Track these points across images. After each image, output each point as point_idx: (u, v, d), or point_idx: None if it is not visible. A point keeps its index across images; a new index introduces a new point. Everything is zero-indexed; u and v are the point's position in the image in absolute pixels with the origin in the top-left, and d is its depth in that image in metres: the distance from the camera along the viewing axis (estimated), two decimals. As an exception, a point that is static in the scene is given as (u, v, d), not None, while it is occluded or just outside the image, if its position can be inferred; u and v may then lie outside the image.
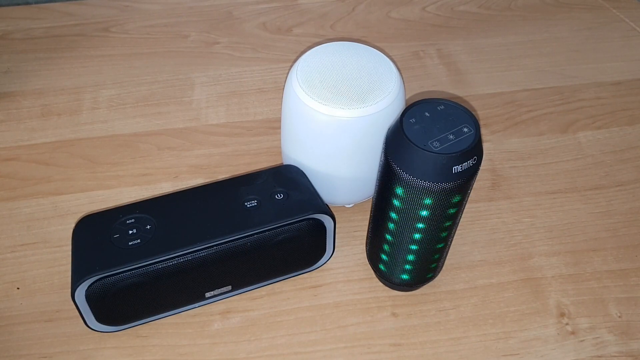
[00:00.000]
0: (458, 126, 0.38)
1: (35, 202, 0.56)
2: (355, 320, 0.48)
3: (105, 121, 0.65)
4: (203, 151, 0.62)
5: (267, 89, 0.69)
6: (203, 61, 0.73)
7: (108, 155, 0.61)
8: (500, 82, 0.71)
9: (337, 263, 0.52)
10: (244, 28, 0.79)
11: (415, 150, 0.37)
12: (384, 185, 0.41)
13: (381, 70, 0.48)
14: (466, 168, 0.37)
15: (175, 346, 0.46)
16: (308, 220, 0.46)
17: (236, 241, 0.44)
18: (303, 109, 0.47)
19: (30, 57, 0.73)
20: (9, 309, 0.48)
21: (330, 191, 0.51)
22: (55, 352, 0.46)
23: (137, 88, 0.69)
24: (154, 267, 0.42)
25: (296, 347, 0.46)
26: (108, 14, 0.81)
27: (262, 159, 0.61)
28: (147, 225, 0.44)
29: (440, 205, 0.39)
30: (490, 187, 0.59)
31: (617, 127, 0.65)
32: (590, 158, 0.62)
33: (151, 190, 0.58)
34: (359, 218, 0.55)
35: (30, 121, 0.65)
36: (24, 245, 0.53)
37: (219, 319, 0.48)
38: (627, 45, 0.77)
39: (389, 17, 0.81)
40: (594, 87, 0.70)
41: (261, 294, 0.49)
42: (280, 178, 0.49)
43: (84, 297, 0.41)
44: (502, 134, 0.64)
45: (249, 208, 0.46)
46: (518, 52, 0.75)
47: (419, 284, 0.49)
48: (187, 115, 0.66)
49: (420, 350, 0.46)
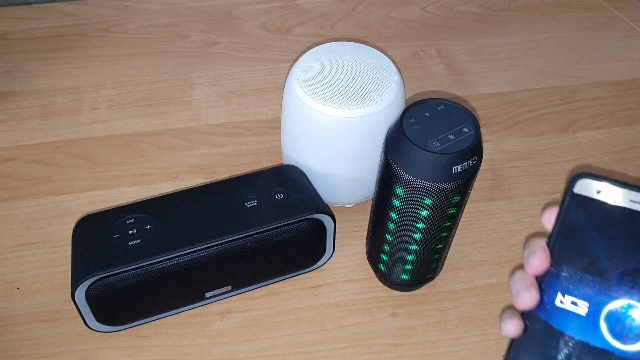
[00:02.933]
0: (458, 126, 0.38)
1: (35, 202, 0.56)
2: (355, 320, 0.48)
3: (105, 121, 0.65)
4: (203, 151, 0.62)
5: (267, 89, 0.69)
6: (203, 61, 0.73)
7: (108, 155, 0.61)
8: (500, 82, 0.71)
9: (337, 263, 0.52)
10: (244, 28, 0.79)
11: (415, 150, 0.37)
12: (384, 185, 0.41)
13: (381, 70, 0.48)
14: (466, 168, 0.37)
15: (175, 346, 0.46)
16: (308, 220, 0.46)
17: (236, 241, 0.44)
18: (303, 109, 0.47)
19: (30, 57, 0.73)
20: (9, 309, 0.48)
21: (330, 191, 0.51)
22: (55, 352, 0.46)
23: (137, 88, 0.69)
24: (154, 267, 0.42)
25: (296, 347, 0.46)
26: (108, 14, 0.81)
27: (262, 159, 0.61)
28: (147, 225, 0.44)
29: (440, 205, 0.39)
30: (490, 187, 0.59)
31: (617, 127, 0.65)
32: (590, 158, 0.62)
33: (151, 190, 0.58)
34: (359, 218, 0.55)
35: (30, 121, 0.65)
36: (24, 245, 0.53)
37: (219, 319, 0.48)
38: (627, 45, 0.77)
39: (389, 17, 0.81)
40: (594, 87, 0.70)
41: (261, 294, 0.49)
42: (280, 178, 0.49)
43: (84, 297, 0.41)
44: (502, 134, 0.64)
45: (249, 208, 0.46)
46: (518, 52, 0.75)
47: (419, 284, 0.49)
48: (187, 115, 0.66)
49: (420, 350, 0.46)
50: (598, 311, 0.29)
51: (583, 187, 0.30)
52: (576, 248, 0.30)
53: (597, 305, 0.29)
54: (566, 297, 0.30)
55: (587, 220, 0.30)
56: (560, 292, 0.30)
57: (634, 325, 0.29)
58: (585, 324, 0.29)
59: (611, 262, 0.30)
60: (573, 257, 0.30)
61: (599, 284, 0.30)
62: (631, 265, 0.29)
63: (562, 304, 0.30)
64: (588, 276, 0.30)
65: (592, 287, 0.30)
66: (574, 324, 0.30)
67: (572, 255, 0.30)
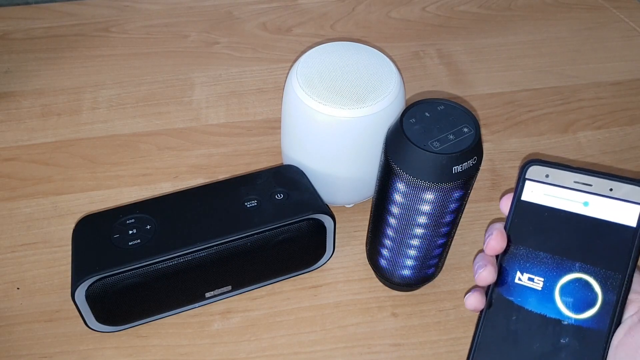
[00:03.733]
0: (458, 126, 0.38)
1: (35, 202, 0.56)
2: (355, 320, 0.48)
3: (105, 121, 0.65)
4: (203, 151, 0.62)
5: (267, 89, 0.69)
6: (203, 61, 0.73)
7: (108, 155, 0.61)
8: (500, 82, 0.71)
9: (337, 263, 0.52)
10: (244, 28, 0.79)
11: (415, 150, 0.37)
12: (384, 185, 0.41)
13: (381, 70, 0.48)
14: (466, 168, 0.37)
15: (175, 346, 0.46)
16: (308, 220, 0.46)
17: (236, 241, 0.44)
18: (303, 109, 0.47)
19: (30, 57, 0.73)
20: (9, 309, 0.48)
21: (330, 191, 0.51)
22: (55, 352, 0.46)
23: (137, 88, 0.69)
24: (154, 267, 0.42)
25: (296, 347, 0.46)
26: (108, 14, 0.81)
27: (262, 159, 0.61)
28: (147, 225, 0.44)
29: (440, 205, 0.39)
30: (490, 187, 0.59)
31: (617, 127, 0.65)
32: (590, 158, 0.62)
33: (151, 190, 0.58)
34: (359, 218, 0.55)
35: (30, 121, 0.65)
36: (24, 245, 0.53)
37: (219, 319, 0.48)
38: (627, 45, 0.77)
39: (389, 17, 0.81)
40: (594, 87, 0.70)
41: (261, 294, 0.49)
42: (280, 178, 0.49)
43: (84, 297, 0.41)
44: (502, 134, 0.64)
45: (249, 208, 0.46)
46: (518, 52, 0.75)
47: (419, 284, 0.49)
48: (187, 115, 0.66)
49: (420, 350, 0.46)
50: (552, 285, 0.33)
51: (534, 173, 0.33)
52: (530, 228, 0.33)
53: (551, 280, 0.33)
54: (524, 274, 0.33)
55: (538, 202, 0.33)
56: (519, 271, 0.33)
57: (584, 295, 0.32)
58: (542, 297, 0.33)
59: (561, 239, 0.33)
60: (528, 237, 0.33)
61: (551, 261, 0.33)
62: (578, 241, 0.32)
63: (521, 280, 0.33)
64: (542, 254, 0.33)
65: (546, 264, 0.33)
66: (532, 298, 0.33)
67: (527, 236, 0.33)
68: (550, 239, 0.33)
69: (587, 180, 0.32)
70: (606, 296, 0.32)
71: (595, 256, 0.32)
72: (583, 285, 0.32)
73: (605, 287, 0.32)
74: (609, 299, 0.31)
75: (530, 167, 0.33)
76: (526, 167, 0.34)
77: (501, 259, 0.34)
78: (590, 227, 0.32)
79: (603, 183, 0.32)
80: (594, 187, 0.32)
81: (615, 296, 0.31)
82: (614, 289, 0.31)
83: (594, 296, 0.32)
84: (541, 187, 0.33)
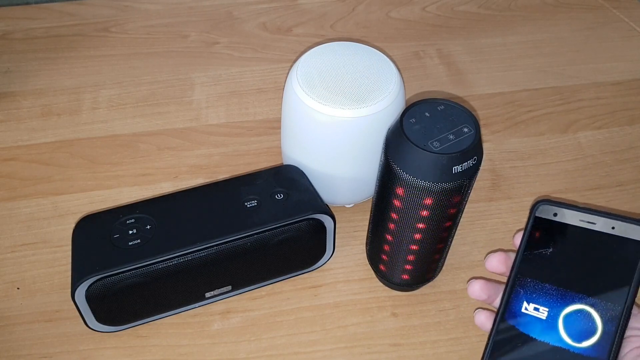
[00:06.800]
0: (458, 126, 0.38)
1: (35, 202, 0.56)
2: (355, 320, 0.48)
3: (105, 121, 0.65)
4: (203, 151, 0.62)
5: (267, 89, 0.69)
6: (203, 61, 0.73)
7: (108, 155, 0.61)
8: (500, 82, 0.71)
9: (337, 263, 0.52)
10: (244, 28, 0.79)
11: (415, 150, 0.37)
12: (384, 185, 0.41)
13: (381, 70, 0.48)
14: (466, 168, 0.37)
15: (175, 346, 0.46)
16: (308, 220, 0.46)
17: (236, 241, 0.44)
18: (303, 109, 0.47)
19: (30, 57, 0.73)
20: (9, 309, 0.48)
21: (330, 191, 0.51)
22: (55, 352, 0.46)
23: (137, 88, 0.69)
24: (154, 267, 0.42)
25: (296, 347, 0.46)
26: (108, 14, 0.81)
27: (262, 159, 0.61)
28: (147, 225, 0.44)
29: (440, 205, 0.39)
30: (490, 187, 0.59)
31: (617, 127, 0.65)
32: (590, 158, 0.62)
33: (151, 190, 0.58)
34: (359, 218, 0.55)
35: (30, 121, 0.65)
36: (24, 245, 0.53)
37: (219, 319, 0.48)
38: (627, 45, 0.77)
39: (389, 17, 0.81)
40: (594, 87, 0.70)
41: (261, 294, 0.49)
42: (280, 178, 0.49)
43: (84, 297, 0.41)
44: (502, 134, 0.64)
45: (249, 208, 0.46)
46: (518, 52, 0.75)
47: (419, 284, 0.49)
48: (187, 115, 0.66)
49: (420, 350, 0.46)
50: (556, 315, 0.35)
51: (543, 211, 0.36)
52: (538, 262, 0.36)
53: (556, 310, 0.35)
54: (530, 304, 0.36)
55: (546, 238, 0.36)
56: (526, 301, 0.36)
57: (585, 325, 0.34)
58: (546, 326, 0.35)
59: (566, 272, 0.36)
60: (536, 269, 0.36)
61: (556, 292, 0.36)
62: (582, 275, 0.35)
63: (527, 310, 0.36)
64: (547, 286, 0.36)
65: (551, 295, 0.36)
66: (536, 327, 0.35)
67: (534, 268, 0.36)
68: (557, 272, 0.36)
69: (591, 219, 0.35)
70: (606, 326, 0.34)
71: (597, 289, 0.35)
72: (585, 315, 0.34)
73: (606, 318, 0.34)
74: (609, 329, 0.34)
75: (540, 206, 0.36)
76: (536, 206, 0.37)
77: (510, 290, 0.37)
78: (592, 262, 0.35)
79: (606, 222, 0.35)
80: (597, 225, 0.35)
81: (614, 327, 0.34)
82: (614, 320, 0.34)
83: (594, 326, 0.34)
84: (549, 224, 0.36)
